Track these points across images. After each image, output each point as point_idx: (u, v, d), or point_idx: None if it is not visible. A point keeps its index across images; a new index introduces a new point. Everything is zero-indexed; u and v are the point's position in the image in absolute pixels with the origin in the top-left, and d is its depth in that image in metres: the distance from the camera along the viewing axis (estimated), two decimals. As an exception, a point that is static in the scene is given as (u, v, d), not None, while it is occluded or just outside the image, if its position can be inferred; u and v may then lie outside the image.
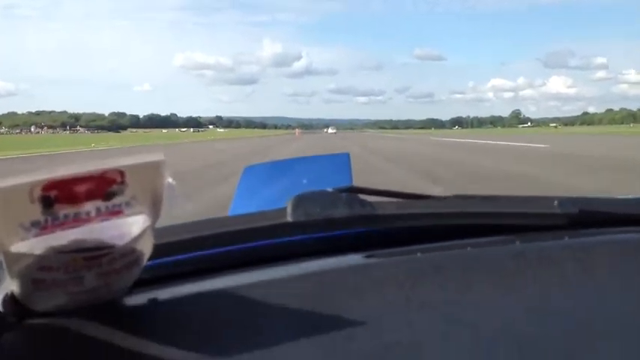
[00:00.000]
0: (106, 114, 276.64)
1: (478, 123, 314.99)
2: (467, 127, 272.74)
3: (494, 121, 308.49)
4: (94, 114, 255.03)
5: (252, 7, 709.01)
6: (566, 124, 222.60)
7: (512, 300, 0.56)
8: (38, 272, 0.42)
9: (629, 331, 0.50)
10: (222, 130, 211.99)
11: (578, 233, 0.72)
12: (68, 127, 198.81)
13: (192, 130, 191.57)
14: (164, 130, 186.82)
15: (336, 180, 0.97)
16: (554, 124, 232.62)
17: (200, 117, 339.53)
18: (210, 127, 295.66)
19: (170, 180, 0.43)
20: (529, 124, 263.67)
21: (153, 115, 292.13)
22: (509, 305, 0.55)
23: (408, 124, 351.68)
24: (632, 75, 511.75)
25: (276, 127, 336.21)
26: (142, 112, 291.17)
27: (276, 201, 0.76)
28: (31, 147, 27.15)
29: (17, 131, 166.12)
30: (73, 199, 0.39)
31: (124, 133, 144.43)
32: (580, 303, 0.56)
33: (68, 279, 0.43)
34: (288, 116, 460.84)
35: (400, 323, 0.51)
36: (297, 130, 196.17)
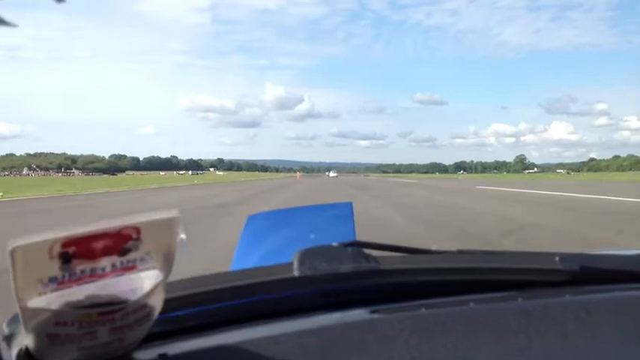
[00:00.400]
0: (107, 156, 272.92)
1: (482, 168, 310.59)
2: (470, 172, 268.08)
3: (499, 166, 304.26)
4: (92, 156, 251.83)
5: (255, 51, 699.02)
6: (571, 170, 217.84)
7: (515, 357, 0.56)
8: (54, 327, 0.42)
9: None
10: (221, 172, 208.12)
11: (579, 290, 0.73)
12: (63, 169, 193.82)
13: (190, 172, 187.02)
14: (162, 173, 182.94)
15: (339, 230, 1.01)
16: (561, 170, 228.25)
17: (201, 159, 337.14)
18: (211, 169, 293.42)
19: (183, 236, 0.44)
20: (535, 169, 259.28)
21: (153, 157, 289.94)
22: None
23: (410, 169, 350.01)
24: (633, 122, 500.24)
25: (277, 170, 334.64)
26: (142, 155, 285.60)
27: (279, 251, 0.76)
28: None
29: (6, 173, 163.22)
30: (91, 255, 0.40)
31: (119, 175, 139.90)
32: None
33: (82, 334, 0.44)
34: (290, 159, 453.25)
35: None
36: (298, 173, 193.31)
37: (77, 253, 0.40)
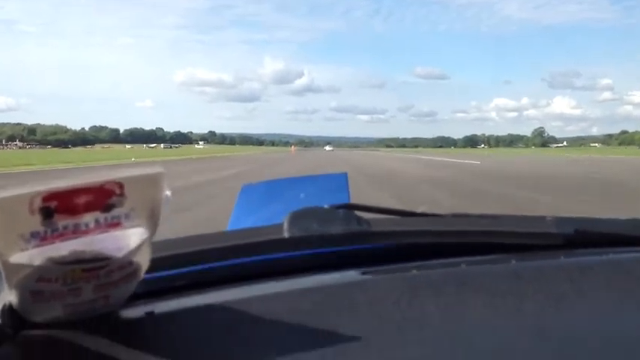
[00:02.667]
0: (87, 127, 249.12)
1: (495, 142, 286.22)
2: (482, 146, 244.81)
3: (515, 140, 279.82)
4: (55, 126, 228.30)
5: (253, 25, 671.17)
6: (601, 144, 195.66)
7: (507, 319, 0.57)
8: (37, 283, 0.42)
9: (624, 351, 0.51)
10: (201, 146, 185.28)
11: (573, 253, 0.75)
12: (18, 141, 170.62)
13: (162, 145, 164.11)
14: (128, 146, 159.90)
15: (334, 200, 1.01)
16: (595, 144, 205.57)
17: (192, 132, 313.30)
18: (200, 143, 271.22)
19: (168, 193, 0.44)
20: (565, 143, 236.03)
21: (136, 129, 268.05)
22: (504, 324, 0.56)
23: (415, 142, 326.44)
24: (637, 97, 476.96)
25: (273, 143, 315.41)
26: (125, 126, 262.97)
27: (273, 219, 0.79)
28: None
29: None
30: (73, 211, 0.40)
31: (73, 149, 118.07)
32: (575, 323, 0.57)
33: (66, 290, 0.44)
34: (289, 133, 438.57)
35: (395, 340, 0.52)
36: (292, 147, 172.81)
37: (59, 208, 0.39)
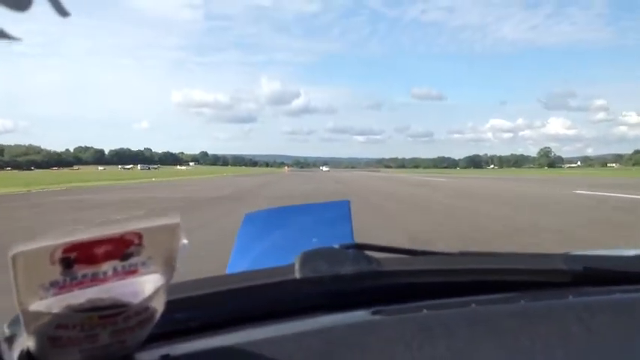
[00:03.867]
0: (71, 149, 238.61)
1: (499, 162, 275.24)
2: (485, 167, 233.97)
3: (519, 160, 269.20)
4: (27, 147, 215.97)
5: (251, 47, 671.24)
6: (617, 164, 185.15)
7: (519, 359, 0.58)
8: (55, 330, 0.44)
9: None
10: (185, 167, 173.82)
11: (582, 291, 0.77)
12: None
13: (139, 167, 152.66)
14: (100, 168, 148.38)
15: (337, 229, 1.05)
16: (612, 164, 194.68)
17: (182, 153, 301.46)
18: (191, 163, 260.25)
19: (185, 241, 0.46)
20: (578, 163, 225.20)
21: (122, 149, 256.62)
22: None
23: (415, 163, 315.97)
24: (632, 117, 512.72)
25: (267, 164, 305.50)
26: (108, 147, 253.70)
27: (277, 251, 0.78)
28: None
29: None
30: (92, 260, 0.42)
31: (42, 171, 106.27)
32: None
33: (83, 336, 0.46)
34: (285, 154, 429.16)
35: None
36: (286, 167, 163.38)
37: (79, 258, 0.41)
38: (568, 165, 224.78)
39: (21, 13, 0.37)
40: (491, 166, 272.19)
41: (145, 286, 0.45)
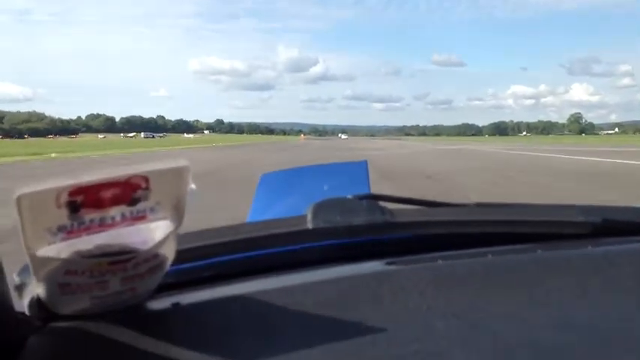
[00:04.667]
0: (83, 116, 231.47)
1: (527, 129, 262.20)
2: (511, 134, 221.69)
3: (547, 127, 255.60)
4: (28, 113, 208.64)
5: (266, 13, 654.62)
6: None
7: (534, 310, 0.57)
8: (64, 276, 0.44)
9: None
10: (190, 135, 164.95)
11: (601, 242, 0.76)
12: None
13: (142, 135, 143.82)
14: (100, 136, 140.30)
15: (354, 188, 1.02)
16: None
17: (197, 121, 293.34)
18: (205, 131, 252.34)
19: (193, 186, 0.45)
20: (616, 129, 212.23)
21: (133, 117, 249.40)
22: (530, 315, 0.56)
23: (436, 130, 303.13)
24: None
25: (284, 132, 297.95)
26: (119, 115, 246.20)
27: (293, 209, 0.80)
28: None
29: None
30: (99, 204, 0.42)
31: (50, 138, 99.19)
32: (602, 314, 0.57)
33: (93, 283, 0.46)
34: (304, 122, 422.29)
35: (421, 331, 0.53)
36: (302, 135, 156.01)
37: (85, 202, 0.41)
38: (605, 132, 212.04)
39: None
40: (524, 132, 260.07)
41: (155, 232, 0.45)
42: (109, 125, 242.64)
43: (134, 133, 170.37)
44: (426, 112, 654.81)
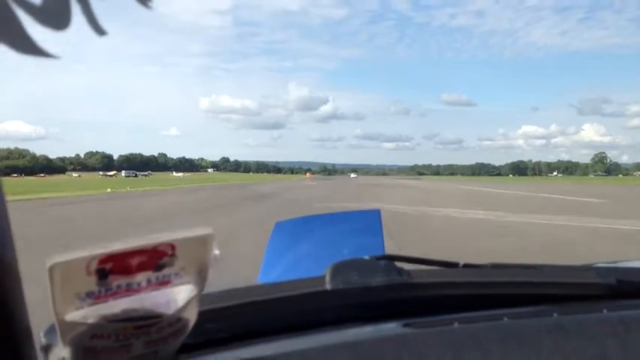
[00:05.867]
0: (81, 154, 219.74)
1: (548, 170, 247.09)
2: (555, 174, 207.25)
3: (569, 167, 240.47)
4: (6, 150, 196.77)
5: (278, 52, 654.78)
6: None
7: None
8: (90, 340, 0.46)
9: None
10: (180, 174, 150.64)
11: (616, 305, 0.77)
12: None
13: (123, 173, 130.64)
14: (74, 175, 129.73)
15: (368, 239, 1.07)
16: None
17: (202, 159, 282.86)
18: (209, 170, 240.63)
19: (217, 252, 0.47)
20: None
21: (132, 155, 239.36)
22: None
23: (450, 170, 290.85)
24: None
25: (292, 171, 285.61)
26: (117, 153, 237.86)
27: (307, 260, 0.81)
28: None
29: None
30: (127, 271, 0.43)
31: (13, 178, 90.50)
32: None
33: (118, 346, 0.47)
34: (314, 161, 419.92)
35: None
36: (308, 174, 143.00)
37: (114, 269, 0.43)
38: (638, 172, 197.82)
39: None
40: (554, 173, 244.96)
41: (178, 296, 0.47)
42: (105, 163, 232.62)
43: (114, 172, 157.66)
44: (435, 151, 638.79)
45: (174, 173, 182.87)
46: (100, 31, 0.41)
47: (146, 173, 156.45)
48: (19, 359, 0.46)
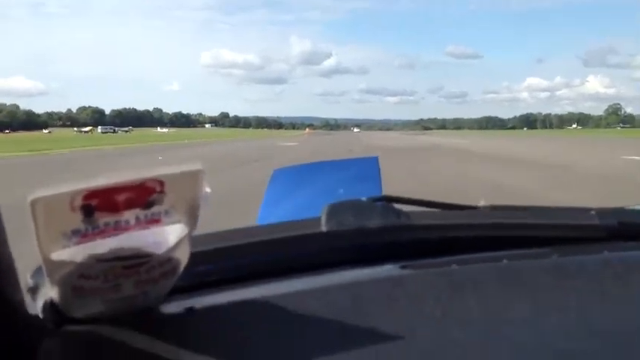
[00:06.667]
0: (74, 109, 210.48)
1: (559, 122, 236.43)
2: (574, 126, 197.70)
3: (582, 119, 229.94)
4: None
5: (279, 5, 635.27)
6: None
7: (550, 316, 0.57)
8: (78, 279, 0.45)
9: None
10: (165, 130, 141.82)
11: (617, 246, 0.77)
12: None
13: (100, 129, 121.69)
14: (45, 131, 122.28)
15: (366, 184, 1.07)
16: None
17: (200, 114, 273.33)
18: (207, 126, 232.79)
19: (207, 189, 0.46)
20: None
21: (125, 109, 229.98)
22: (547, 321, 0.56)
23: (457, 124, 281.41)
24: None
25: (294, 126, 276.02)
26: (109, 107, 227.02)
27: (305, 206, 0.82)
28: None
29: None
30: (113, 208, 0.42)
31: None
32: (620, 320, 0.57)
33: (107, 287, 0.47)
34: (317, 116, 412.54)
35: (437, 337, 0.53)
36: (307, 129, 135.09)
37: (100, 206, 0.41)
38: None
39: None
40: (574, 125, 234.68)
41: (169, 236, 0.46)
42: (97, 118, 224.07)
43: (89, 128, 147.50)
44: (439, 105, 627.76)
45: (159, 129, 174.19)
46: None
47: (126, 129, 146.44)
48: (4, 302, 0.46)
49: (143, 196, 0.43)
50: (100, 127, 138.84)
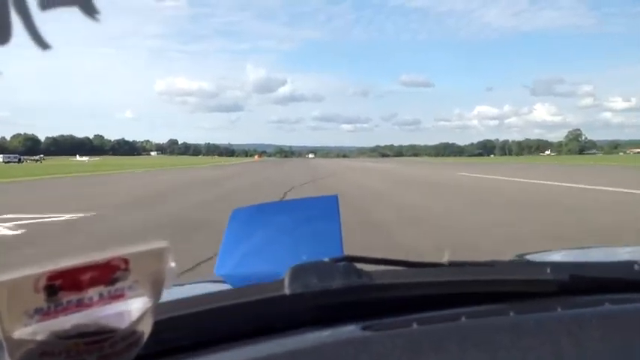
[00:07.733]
0: (8, 137, 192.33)
1: (518, 148, 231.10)
2: (548, 153, 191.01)
3: (543, 146, 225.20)
4: None
5: (235, 34, 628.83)
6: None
7: None
8: (40, 357, 0.44)
9: None
10: (84, 158, 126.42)
11: (570, 302, 0.81)
12: None
13: (0, 158, 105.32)
14: None
15: (325, 223, 1.08)
16: None
17: (147, 141, 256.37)
18: (153, 153, 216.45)
19: (173, 264, 0.46)
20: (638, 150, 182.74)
21: (62, 137, 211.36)
22: None
23: (414, 151, 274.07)
24: (617, 103, 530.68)
25: (247, 154, 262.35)
26: (44, 135, 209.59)
27: (264, 249, 0.85)
28: None
29: None
30: (78, 287, 0.42)
31: None
32: None
33: None
34: (272, 143, 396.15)
35: None
36: (256, 156, 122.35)
37: (63, 285, 0.41)
38: (633, 151, 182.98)
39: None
40: (547, 152, 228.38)
41: (132, 309, 0.46)
42: (29, 146, 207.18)
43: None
44: (392, 132, 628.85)
45: (78, 157, 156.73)
46: (43, 45, 0.40)
47: (37, 158, 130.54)
48: None
49: (107, 274, 0.43)
50: (0, 156, 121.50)
